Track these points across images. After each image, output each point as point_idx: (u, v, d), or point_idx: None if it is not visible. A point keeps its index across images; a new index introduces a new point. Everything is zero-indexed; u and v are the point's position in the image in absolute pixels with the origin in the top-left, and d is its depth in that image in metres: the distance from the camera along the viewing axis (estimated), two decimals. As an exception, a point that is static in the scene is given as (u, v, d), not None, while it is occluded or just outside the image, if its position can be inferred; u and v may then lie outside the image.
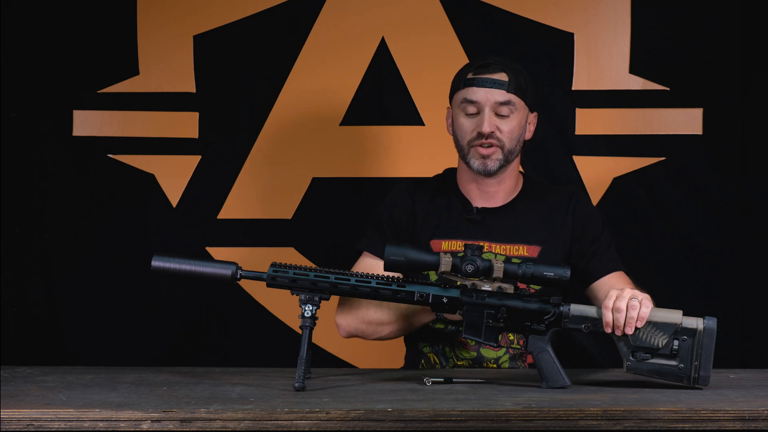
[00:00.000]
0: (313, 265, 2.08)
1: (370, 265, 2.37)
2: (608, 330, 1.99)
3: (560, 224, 2.41)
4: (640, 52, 3.04)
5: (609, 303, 1.99)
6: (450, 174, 2.51)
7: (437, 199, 2.45)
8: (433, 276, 2.33)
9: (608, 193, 3.05)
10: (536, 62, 3.05)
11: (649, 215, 3.04)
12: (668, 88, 3.03)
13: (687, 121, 3.03)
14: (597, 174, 3.05)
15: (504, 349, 2.37)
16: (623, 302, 1.98)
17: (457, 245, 2.39)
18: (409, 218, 2.44)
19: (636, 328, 1.98)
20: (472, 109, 2.38)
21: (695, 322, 1.97)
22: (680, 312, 1.99)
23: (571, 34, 3.05)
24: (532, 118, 2.45)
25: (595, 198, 3.05)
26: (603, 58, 3.05)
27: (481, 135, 2.36)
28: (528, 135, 2.45)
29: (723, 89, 3.02)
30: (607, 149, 3.06)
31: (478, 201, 2.44)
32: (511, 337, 2.37)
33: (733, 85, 3.02)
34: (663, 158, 3.04)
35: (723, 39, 3.02)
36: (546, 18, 3.05)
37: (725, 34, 3.02)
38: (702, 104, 3.02)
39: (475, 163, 2.38)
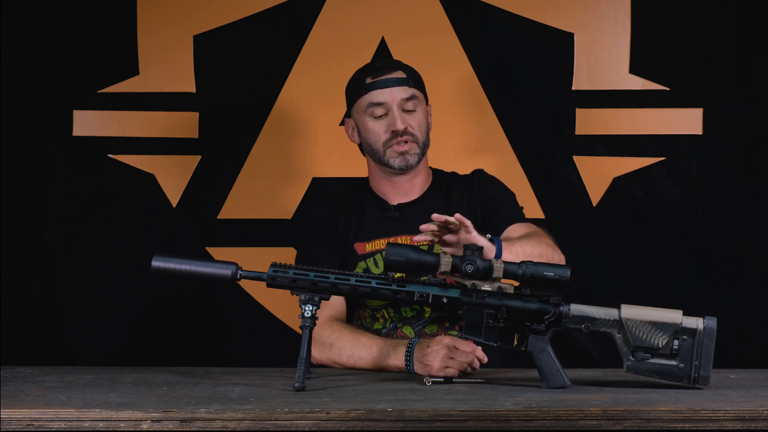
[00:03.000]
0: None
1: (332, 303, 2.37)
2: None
3: (469, 204, 2.47)
4: (640, 52, 3.04)
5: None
6: (362, 182, 2.57)
7: (354, 205, 2.51)
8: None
9: (608, 193, 3.05)
10: (536, 62, 3.06)
11: (649, 215, 3.04)
12: (668, 88, 3.03)
13: (687, 121, 3.03)
14: (597, 174, 3.05)
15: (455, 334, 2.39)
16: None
17: (381, 244, 2.44)
18: (331, 229, 2.48)
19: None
20: (379, 111, 2.44)
21: (695, 322, 1.97)
22: (680, 312, 1.99)
23: (571, 34, 3.05)
24: (429, 110, 2.53)
25: (595, 198, 3.05)
26: (603, 58, 3.05)
27: (395, 133, 2.43)
28: (430, 126, 2.52)
29: (723, 89, 3.02)
30: (607, 149, 3.06)
31: (394, 198, 2.50)
32: (447, 324, 2.39)
33: (733, 85, 3.02)
34: (663, 158, 3.04)
35: (723, 39, 3.02)
36: (546, 18, 3.05)
37: (725, 34, 3.02)
38: (702, 104, 3.02)
39: (396, 161, 2.44)
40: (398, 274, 2.05)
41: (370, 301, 2.41)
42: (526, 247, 2.24)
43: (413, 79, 2.47)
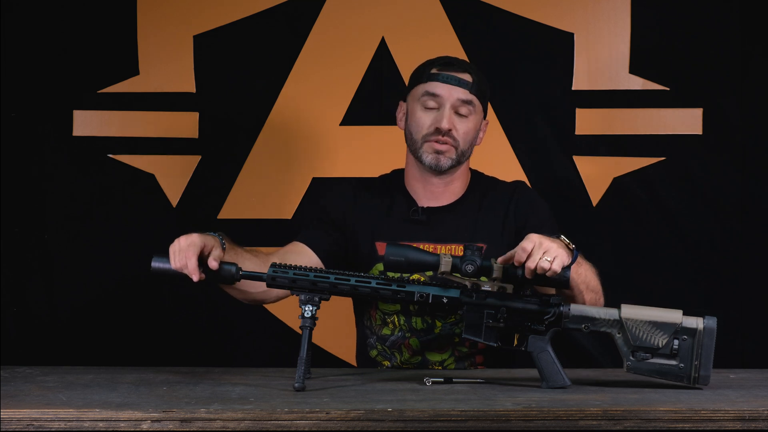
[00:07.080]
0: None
1: (293, 250, 2.38)
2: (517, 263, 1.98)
3: (503, 220, 2.42)
4: (640, 52, 3.04)
5: (527, 247, 1.97)
6: (397, 174, 2.52)
7: (382, 200, 2.47)
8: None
9: (608, 193, 3.05)
10: (536, 62, 3.06)
11: (649, 215, 3.04)
12: (668, 88, 3.03)
13: (687, 121, 3.03)
14: (597, 174, 3.05)
15: (449, 352, 2.38)
16: (537, 255, 1.96)
17: None
18: (345, 216, 2.45)
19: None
20: (432, 104, 2.39)
21: (695, 322, 1.97)
22: (680, 312, 1.99)
23: (571, 34, 3.05)
24: (484, 125, 2.48)
25: (595, 198, 3.05)
26: (603, 58, 3.05)
27: (438, 131, 2.37)
28: (478, 142, 2.47)
29: (723, 89, 3.02)
30: (607, 149, 3.06)
31: (424, 200, 2.45)
32: (456, 340, 2.37)
33: (733, 85, 3.02)
34: (663, 158, 3.04)
35: (723, 39, 3.02)
36: (546, 18, 3.05)
37: (725, 34, 3.02)
38: (702, 104, 3.02)
39: (428, 158, 2.39)
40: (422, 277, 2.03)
41: (383, 304, 2.39)
42: (590, 272, 2.22)
43: (478, 87, 2.40)
